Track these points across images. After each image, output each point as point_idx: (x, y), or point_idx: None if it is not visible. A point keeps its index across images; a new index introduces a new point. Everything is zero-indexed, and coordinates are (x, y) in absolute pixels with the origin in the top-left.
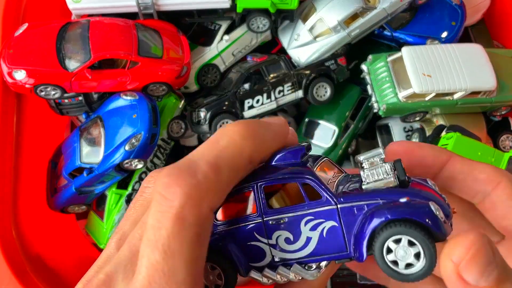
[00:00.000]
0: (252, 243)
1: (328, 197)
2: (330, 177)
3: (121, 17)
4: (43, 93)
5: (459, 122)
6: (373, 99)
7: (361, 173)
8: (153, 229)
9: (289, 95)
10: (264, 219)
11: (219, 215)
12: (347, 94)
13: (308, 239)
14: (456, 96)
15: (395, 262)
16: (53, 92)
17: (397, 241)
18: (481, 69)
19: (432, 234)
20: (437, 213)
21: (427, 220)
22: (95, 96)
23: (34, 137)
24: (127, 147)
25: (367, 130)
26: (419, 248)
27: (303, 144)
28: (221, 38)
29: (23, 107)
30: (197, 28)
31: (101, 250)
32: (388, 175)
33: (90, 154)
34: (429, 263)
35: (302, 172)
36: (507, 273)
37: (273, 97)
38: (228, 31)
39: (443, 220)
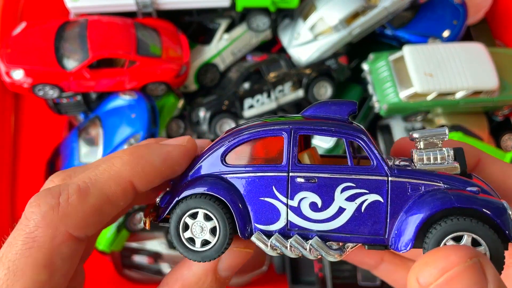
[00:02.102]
0: (266, 199)
1: (379, 164)
2: None
3: (119, 16)
4: (41, 93)
5: (461, 122)
6: (374, 98)
7: (413, 153)
8: (7, 246)
9: (289, 94)
10: (291, 173)
11: (233, 157)
12: (348, 94)
13: (340, 210)
14: (458, 96)
15: None
16: (51, 92)
17: (457, 239)
18: (483, 69)
19: (502, 235)
20: (510, 213)
21: (500, 218)
22: (94, 95)
23: (32, 138)
24: (125, 147)
25: (368, 130)
26: (485, 249)
27: (353, 101)
28: (221, 37)
29: (21, 107)
30: (196, 27)
31: (99, 252)
32: (445, 161)
33: (89, 154)
34: (497, 265)
35: (353, 128)
36: None
37: (273, 97)
38: (227, 30)
39: None
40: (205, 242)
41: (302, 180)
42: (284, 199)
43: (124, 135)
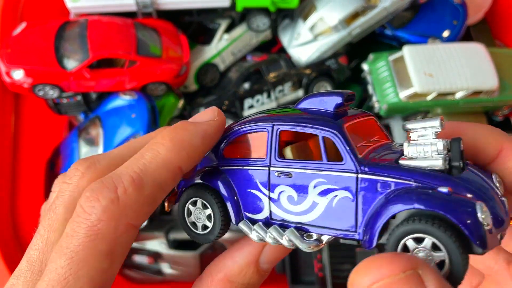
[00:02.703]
0: (252, 191)
1: (350, 161)
2: (367, 140)
3: (119, 16)
4: (41, 93)
5: None
6: (374, 98)
7: (405, 145)
8: (66, 237)
9: (289, 94)
10: (271, 168)
11: (229, 150)
12: None
13: (314, 205)
14: (457, 96)
15: None
16: (51, 92)
17: (419, 240)
18: (482, 69)
19: (467, 241)
20: (482, 217)
21: (464, 222)
22: (94, 95)
23: (32, 138)
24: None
25: None
26: (444, 255)
27: (344, 91)
28: (221, 37)
29: (21, 107)
30: (196, 27)
31: None
32: (437, 154)
33: (89, 154)
34: (455, 275)
35: (327, 124)
36: None
37: (273, 97)
38: (227, 30)
39: (488, 228)
40: (205, 227)
41: (280, 174)
42: (266, 192)
43: (124, 135)
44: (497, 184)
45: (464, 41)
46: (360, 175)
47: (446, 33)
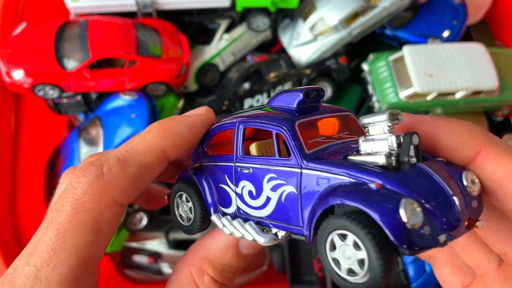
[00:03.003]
0: (223, 186)
1: (295, 157)
2: (330, 136)
3: (120, 16)
4: (41, 93)
5: None
6: (374, 98)
7: (360, 140)
8: (55, 212)
9: None
10: (236, 163)
11: (210, 147)
12: (347, 94)
13: (268, 199)
14: (457, 96)
15: (336, 261)
16: (51, 92)
17: (344, 237)
18: (482, 69)
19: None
20: (407, 215)
21: (383, 219)
22: (94, 95)
23: (33, 138)
24: None
25: None
26: (364, 254)
27: (306, 88)
28: (221, 37)
29: (21, 107)
30: (196, 27)
31: None
32: (388, 150)
33: (89, 154)
34: (372, 277)
35: (279, 121)
36: None
37: None
38: (227, 30)
39: (415, 227)
40: (189, 219)
41: (242, 170)
42: (233, 187)
43: (124, 135)
44: (467, 184)
45: (464, 41)
46: (303, 170)
47: (446, 33)
